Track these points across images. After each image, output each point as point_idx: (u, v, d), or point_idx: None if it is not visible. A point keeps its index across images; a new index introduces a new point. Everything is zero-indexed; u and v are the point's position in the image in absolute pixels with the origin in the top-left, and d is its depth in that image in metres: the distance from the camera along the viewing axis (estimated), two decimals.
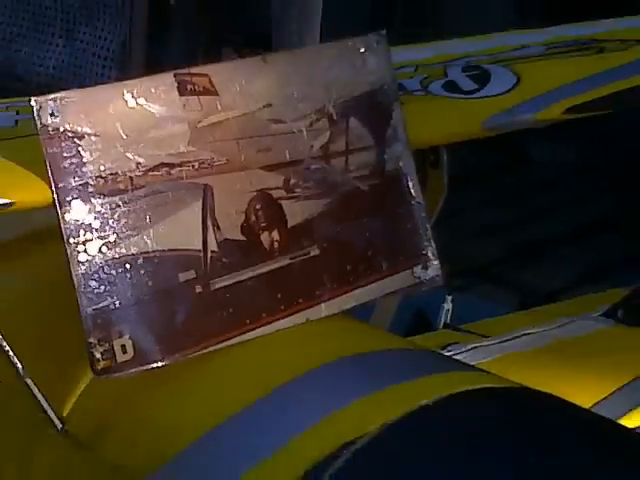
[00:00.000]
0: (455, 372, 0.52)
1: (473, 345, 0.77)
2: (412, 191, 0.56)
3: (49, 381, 0.51)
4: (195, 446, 0.45)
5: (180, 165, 0.48)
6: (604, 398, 0.72)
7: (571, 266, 2.33)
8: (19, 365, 0.48)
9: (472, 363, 0.62)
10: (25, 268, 0.75)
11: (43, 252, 0.66)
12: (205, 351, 0.48)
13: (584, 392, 0.69)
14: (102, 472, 0.50)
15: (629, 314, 0.85)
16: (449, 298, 0.87)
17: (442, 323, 0.91)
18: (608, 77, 0.74)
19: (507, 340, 0.79)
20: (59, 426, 0.50)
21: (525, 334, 0.81)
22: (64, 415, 0.52)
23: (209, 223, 0.48)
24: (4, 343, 0.48)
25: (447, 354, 0.69)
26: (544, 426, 0.49)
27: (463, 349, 0.75)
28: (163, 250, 0.47)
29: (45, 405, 0.49)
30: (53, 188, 0.44)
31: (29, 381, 0.48)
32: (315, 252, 0.53)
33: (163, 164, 0.47)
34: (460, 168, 0.82)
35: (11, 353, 0.47)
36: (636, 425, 0.66)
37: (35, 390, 0.49)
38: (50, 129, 0.43)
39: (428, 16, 3.12)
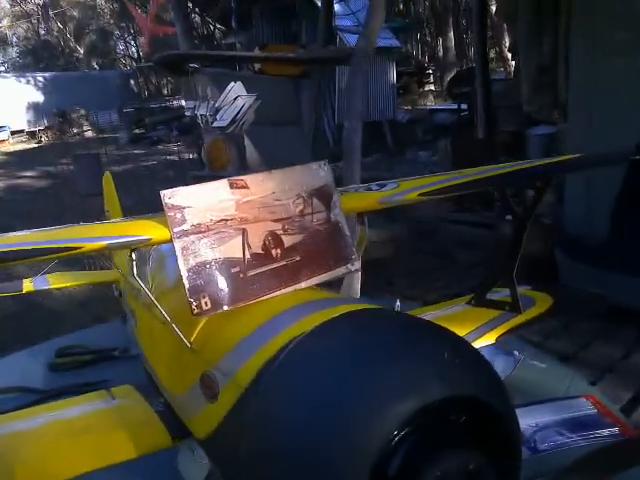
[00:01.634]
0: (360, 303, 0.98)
1: None
2: (345, 230, 1.12)
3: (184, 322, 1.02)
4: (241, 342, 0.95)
5: (231, 220, 1.02)
6: None
7: None
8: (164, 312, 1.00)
9: None
10: None
11: None
12: (244, 304, 0.99)
13: None
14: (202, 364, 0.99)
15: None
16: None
17: None
18: None
19: None
20: (189, 345, 1.02)
21: None
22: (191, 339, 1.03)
23: (245, 245, 1.02)
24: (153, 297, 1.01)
25: None
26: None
27: None
28: (223, 258, 1.00)
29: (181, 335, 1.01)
30: (172, 231, 0.98)
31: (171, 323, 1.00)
32: (298, 258, 1.06)
33: (222, 219, 1.02)
34: None
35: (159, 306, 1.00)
36: None
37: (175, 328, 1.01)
38: (169, 204, 0.99)
39: None
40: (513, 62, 8.92)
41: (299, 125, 5.79)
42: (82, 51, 26.13)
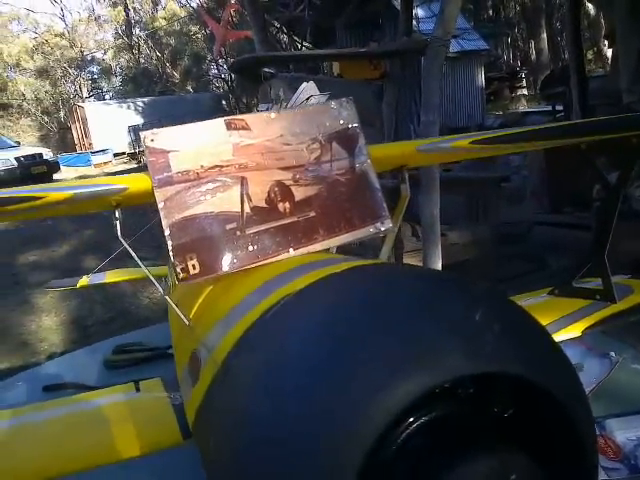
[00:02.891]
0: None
1: None
2: (372, 180, 0.89)
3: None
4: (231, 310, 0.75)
5: (227, 166, 0.84)
6: None
7: None
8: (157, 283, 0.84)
9: None
10: None
11: None
12: (240, 269, 0.80)
13: None
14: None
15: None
16: None
17: None
18: None
19: None
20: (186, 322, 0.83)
21: None
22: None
23: (244, 197, 0.83)
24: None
25: None
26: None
27: None
28: (217, 212, 0.81)
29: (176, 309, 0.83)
30: (152, 179, 0.81)
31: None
32: (312, 215, 0.85)
33: (217, 166, 0.83)
34: None
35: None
36: None
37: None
38: (151, 147, 0.81)
39: None
40: (610, 50, 8.32)
41: (379, 128, 5.56)
42: (177, 76, 27.37)
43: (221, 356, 0.65)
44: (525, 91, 16.62)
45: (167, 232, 0.79)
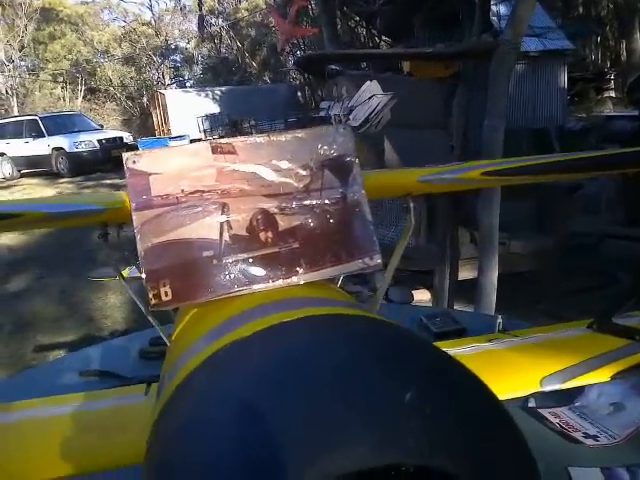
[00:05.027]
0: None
1: None
2: (364, 213, 0.84)
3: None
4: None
5: (209, 192, 0.81)
6: None
7: None
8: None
9: None
10: None
11: None
12: (214, 298, 0.77)
13: None
14: None
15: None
16: None
17: None
18: None
19: None
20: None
21: None
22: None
23: (224, 224, 0.80)
24: None
25: None
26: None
27: None
28: (194, 238, 0.79)
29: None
30: (131, 201, 0.79)
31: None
32: (295, 246, 0.81)
33: (198, 191, 0.80)
34: None
35: None
36: None
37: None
38: (132, 169, 0.80)
39: None
40: None
41: (446, 131, 5.42)
42: (256, 66, 27.80)
43: (166, 396, 0.62)
44: (612, 93, 15.80)
45: (142, 257, 0.77)
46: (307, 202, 0.83)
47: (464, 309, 4.32)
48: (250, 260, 0.79)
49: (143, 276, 0.77)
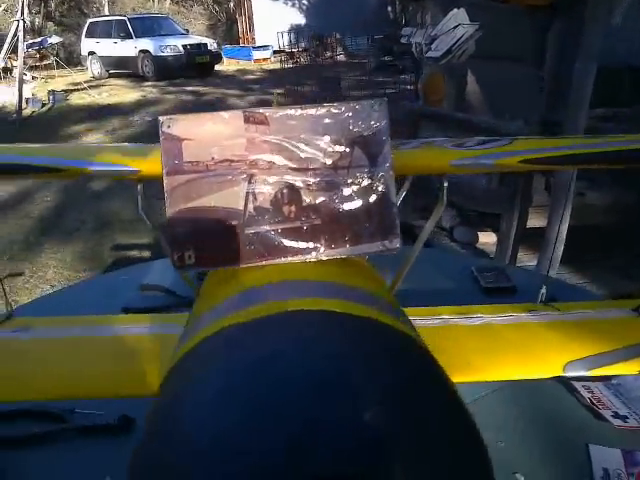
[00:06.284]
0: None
1: None
2: (390, 194, 0.83)
3: None
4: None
5: (238, 162, 0.82)
6: None
7: None
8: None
9: None
10: None
11: None
12: (234, 267, 0.81)
13: None
14: None
15: None
16: None
17: None
18: None
19: None
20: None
21: None
22: None
23: (249, 195, 0.82)
24: None
25: None
26: None
27: None
28: (219, 207, 0.82)
29: None
30: (163, 165, 0.82)
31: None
32: (317, 222, 0.82)
33: (227, 159, 0.82)
34: None
35: None
36: None
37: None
38: (166, 133, 0.82)
39: None
40: None
41: (530, 66, 5.07)
42: None
43: (175, 359, 0.67)
44: None
45: (170, 219, 0.81)
46: (333, 179, 0.83)
47: (527, 260, 4.21)
48: (272, 233, 0.82)
49: (169, 239, 0.81)
